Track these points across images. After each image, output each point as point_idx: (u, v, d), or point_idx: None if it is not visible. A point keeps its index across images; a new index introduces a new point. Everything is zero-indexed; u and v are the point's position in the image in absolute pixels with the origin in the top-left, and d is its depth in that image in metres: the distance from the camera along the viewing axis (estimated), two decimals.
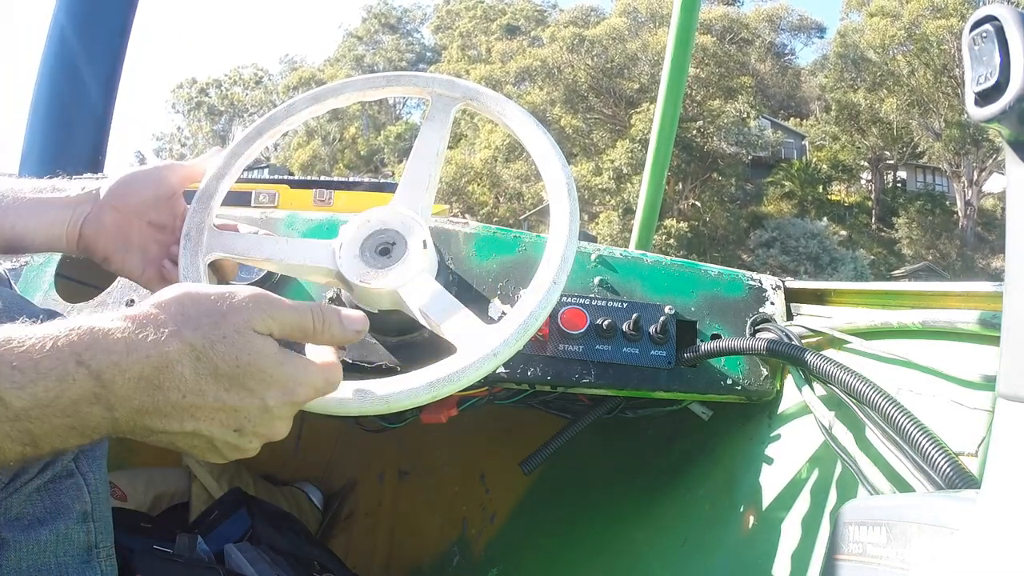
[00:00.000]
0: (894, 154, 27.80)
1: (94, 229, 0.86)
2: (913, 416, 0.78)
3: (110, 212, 0.87)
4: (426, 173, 0.93)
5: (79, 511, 0.72)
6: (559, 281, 0.75)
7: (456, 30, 33.57)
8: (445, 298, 0.81)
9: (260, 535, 1.36)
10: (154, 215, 0.90)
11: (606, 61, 26.97)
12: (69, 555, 0.71)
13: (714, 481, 1.10)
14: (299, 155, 30.48)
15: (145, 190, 0.89)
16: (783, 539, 0.90)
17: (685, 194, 26.77)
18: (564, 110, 27.17)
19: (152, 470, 1.65)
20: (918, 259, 25.80)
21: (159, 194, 0.90)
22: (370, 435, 1.85)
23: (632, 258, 1.10)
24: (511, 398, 1.16)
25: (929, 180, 29.30)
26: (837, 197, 29.51)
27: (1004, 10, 0.45)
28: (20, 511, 0.68)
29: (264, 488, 1.78)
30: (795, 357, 0.93)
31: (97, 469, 0.76)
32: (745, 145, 27.02)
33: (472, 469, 1.78)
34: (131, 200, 0.88)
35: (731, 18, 28.79)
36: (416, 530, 1.81)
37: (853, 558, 0.59)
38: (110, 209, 0.87)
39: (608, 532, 1.27)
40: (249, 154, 0.96)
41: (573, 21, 30.20)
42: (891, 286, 0.96)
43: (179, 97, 35.29)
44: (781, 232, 25.05)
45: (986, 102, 0.46)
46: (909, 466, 0.77)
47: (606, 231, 23.08)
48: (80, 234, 0.86)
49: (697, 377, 1.02)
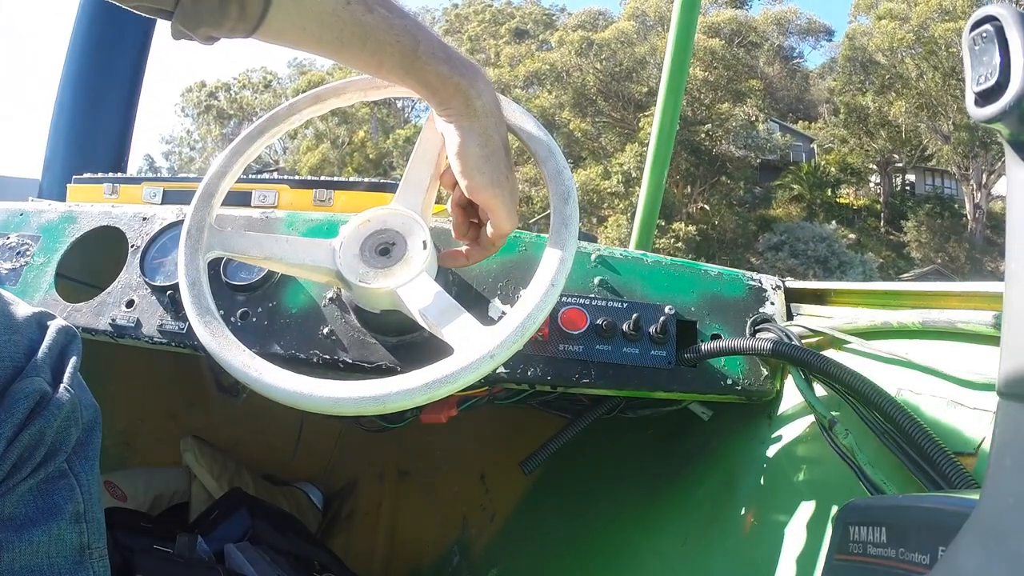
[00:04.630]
0: (903, 157, 27.68)
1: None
2: (913, 416, 0.77)
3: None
4: (427, 174, 0.93)
5: (71, 512, 0.72)
6: (557, 283, 0.75)
7: (465, 34, 33.58)
8: (444, 299, 0.81)
9: (260, 535, 1.36)
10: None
11: (615, 65, 26.97)
12: (61, 556, 0.71)
13: (714, 481, 1.09)
14: (308, 159, 30.53)
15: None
16: (783, 539, 0.90)
17: (694, 197, 26.73)
18: (573, 114, 27.16)
19: (152, 470, 1.66)
20: (927, 262, 25.68)
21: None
22: (370, 435, 1.85)
23: (632, 258, 1.09)
24: (511, 398, 1.16)
25: (938, 183, 29.15)
26: (846, 200, 29.41)
27: (1004, 10, 0.45)
28: (12, 512, 0.68)
29: (264, 488, 1.79)
30: (795, 357, 0.93)
31: (90, 470, 0.76)
32: (754, 148, 26.99)
33: (472, 469, 1.78)
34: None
35: (739, 21, 28.74)
36: (416, 530, 1.81)
37: (853, 558, 0.58)
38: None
39: (608, 532, 1.26)
40: (251, 153, 0.96)
41: (581, 25, 30.19)
42: (891, 286, 0.95)
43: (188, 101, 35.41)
44: (790, 235, 24.97)
45: (986, 102, 0.46)
46: (909, 466, 0.77)
47: (615, 235, 23.05)
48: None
49: (697, 377, 1.02)
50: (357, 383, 0.71)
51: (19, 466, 0.68)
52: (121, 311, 1.12)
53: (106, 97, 2.29)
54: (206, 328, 0.80)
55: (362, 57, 0.75)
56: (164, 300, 1.11)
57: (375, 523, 1.87)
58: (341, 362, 1.02)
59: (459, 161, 0.80)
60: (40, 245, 1.24)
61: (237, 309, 1.07)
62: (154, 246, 1.16)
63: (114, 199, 1.56)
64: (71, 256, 1.23)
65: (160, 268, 1.14)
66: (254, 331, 1.06)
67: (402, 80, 0.78)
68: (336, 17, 0.70)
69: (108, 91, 2.29)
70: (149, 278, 1.12)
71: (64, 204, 1.36)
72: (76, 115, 2.27)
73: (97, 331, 1.12)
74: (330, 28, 0.71)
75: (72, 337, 0.81)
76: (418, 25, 0.76)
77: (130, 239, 1.19)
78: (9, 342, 0.73)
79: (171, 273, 1.12)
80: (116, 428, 1.79)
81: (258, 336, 1.05)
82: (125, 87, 2.32)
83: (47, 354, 0.75)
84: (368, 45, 0.73)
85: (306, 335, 1.04)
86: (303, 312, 1.06)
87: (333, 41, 0.73)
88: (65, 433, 0.72)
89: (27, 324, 0.77)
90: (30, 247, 1.24)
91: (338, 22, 0.71)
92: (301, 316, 1.06)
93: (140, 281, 1.13)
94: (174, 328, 1.08)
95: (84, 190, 1.63)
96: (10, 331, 0.74)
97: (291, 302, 1.07)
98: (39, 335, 0.77)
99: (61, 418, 0.71)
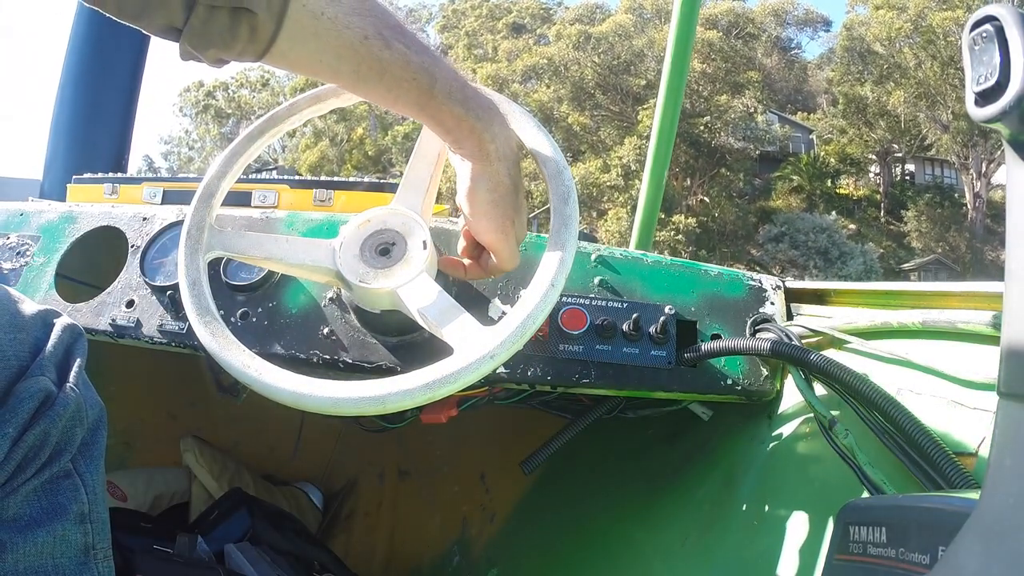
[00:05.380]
0: (902, 147, 27.67)
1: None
2: (913, 416, 0.77)
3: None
4: (427, 173, 0.93)
5: (76, 512, 0.72)
6: (557, 283, 0.75)
7: (462, 29, 33.50)
8: (444, 299, 0.81)
9: (260, 535, 1.37)
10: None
11: (612, 58, 26.90)
12: (66, 557, 0.71)
13: (714, 481, 1.09)
14: (307, 156, 30.48)
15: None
16: (783, 539, 0.90)
17: (693, 190, 26.72)
18: (571, 107, 27.12)
19: (152, 470, 1.66)
20: (928, 252, 25.69)
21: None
22: (370, 435, 1.86)
23: (632, 258, 1.09)
24: (511, 398, 1.16)
25: (938, 173, 29.12)
26: (846, 191, 29.41)
27: (1004, 10, 0.45)
28: (17, 512, 0.68)
29: (264, 488, 1.79)
30: (796, 357, 0.93)
31: (95, 470, 0.76)
32: (753, 140, 26.98)
33: (472, 469, 1.78)
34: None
35: (737, 13, 28.68)
36: (416, 530, 1.81)
37: (853, 558, 0.58)
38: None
39: (608, 532, 1.27)
40: (251, 153, 0.96)
41: (579, 18, 30.12)
42: (891, 286, 0.95)
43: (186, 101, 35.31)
44: (790, 227, 24.97)
45: (986, 102, 0.46)
46: (909, 466, 0.77)
47: (615, 228, 23.05)
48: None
49: (697, 377, 1.02)
50: (357, 383, 0.71)
51: (24, 466, 0.67)
52: (121, 311, 1.12)
53: (106, 98, 2.29)
54: (206, 328, 0.80)
55: (378, 92, 0.75)
56: (164, 300, 1.11)
57: (375, 523, 1.88)
58: (341, 362, 1.02)
59: (467, 203, 0.81)
60: (40, 245, 1.24)
61: (237, 309, 1.07)
62: (154, 246, 1.16)
63: (114, 199, 1.56)
64: (71, 256, 1.22)
65: (160, 268, 1.14)
66: (254, 331, 1.06)
67: (417, 115, 0.78)
68: (354, 51, 0.70)
69: (108, 92, 2.29)
70: (149, 278, 1.12)
71: (64, 204, 1.36)
72: (76, 116, 2.27)
73: (97, 331, 1.12)
74: (347, 61, 0.71)
75: (77, 335, 0.80)
76: (437, 62, 0.76)
77: (130, 239, 1.19)
78: (14, 340, 0.73)
79: (171, 273, 1.11)
80: (116, 428, 1.78)
81: (258, 336, 1.05)
82: (124, 87, 2.33)
83: (52, 353, 0.75)
84: (384, 80, 0.73)
85: (306, 335, 1.04)
86: (303, 312, 1.06)
87: (350, 74, 0.72)
88: (70, 433, 0.72)
89: (32, 322, 0.77)
90: (30, 247, 1.24)
91: (355, 56, 0.71)
92: (301, 316, 1.06)
93: (140, 281, 1.13)
94: (174, 328, 1.08)
95: (84, 190, 1.63)
96: (15, 329, 0.74)
97: (291, 302, 1.07)
98: (44, 333, 0.77)
99: (66, 418, 0.71)
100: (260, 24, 0.65)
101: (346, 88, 0.76)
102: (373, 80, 0.73)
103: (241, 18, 0.64)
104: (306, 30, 0.67)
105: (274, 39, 0.67)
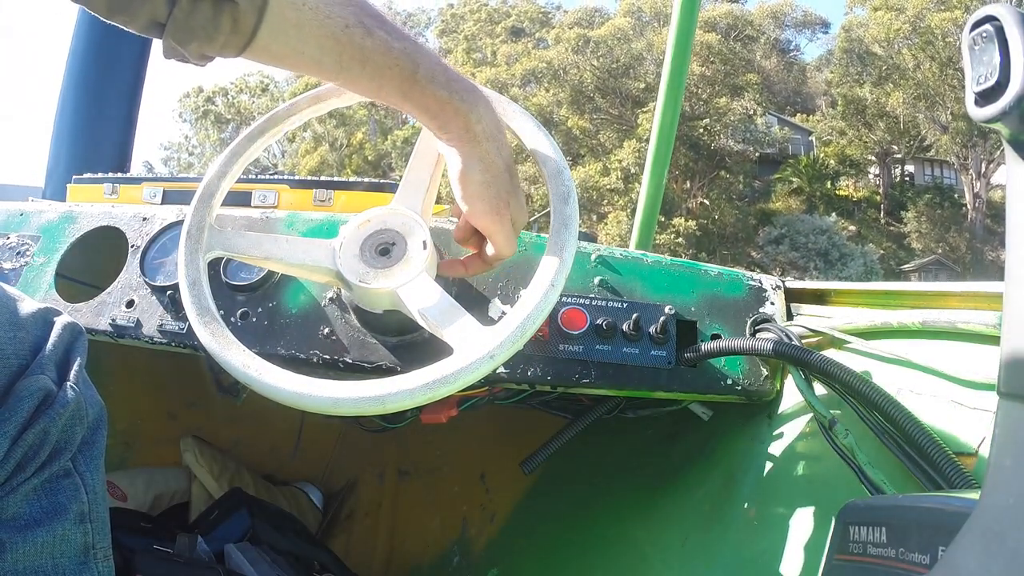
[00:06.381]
0: (901, 148, 27.69)
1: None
2: (913, 416, 0.77)
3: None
4: (427, 174, 0.93)
5: (76, 511, 0.72)
6: (557, 283, 0.75)
7: (461, 33, 33.48)
8: (444, 299, 0.81)
9: (260, 535, 1.37)
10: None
11: (611, 61, 26.91)
12: (66, 556, 0.70)
13: (714, 481, 1.09)
14: (307, 161, 30.44)
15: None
16: (783, 539, 0.90)
17: (693, 192, 26.73)
18: (571, 111, 27.11)
19: (152, 470, 1.65)
20: (928, 253, 25.68)
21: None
22: (370, 435, 1.86)
23: (632, 258, 1.09)
24: (511, 398, 1.16)
25: (937, 173, 29.12)
26: (845, 192, 29.42)
27: (1004, 10, 0.45)
28: (17, 511, 0.68)
29: (264, 488, 1.79)
30: (796, 357, 0.93)
31: (95, 469, 0.76)
32: (752, 142, 27.00)
33: (472, 469, 1.78)
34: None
35: (735, 15, 28.68)
36: (416, 530, 1.81)
37: (853, 558, 0.58)
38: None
39: (608, 532, 1.26)
40: (251, 153, 0.96)
41: (577, 22, 30.15)
42: (891, 286, 0.95)
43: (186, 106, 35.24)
44: (790, 229, 24.98)
45: (986, 102, 0.46)
46: (909, 466, 0.77)
47: (615, 231, 23.04)
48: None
49: (697, 377, 1.02)
50: (357, 383, 0.71)
51: (23, 465, 0.67)
52: (121, 311, 1.12)
53: (108, 103, 2.29)
54: (206, 328, 0.80)
55: (361, 81, 0.75)
56: (164, 300, 1.11)
57: (375, 523, 1.87)
58: (341, 362, 1.02)
59: (460, 187, 0.80)
60: (40, 245, 1.24)
61: (237, 309, 1.07)
62: (154, 246, 1.16)
63: (114, 199, 1.56)
64: (71, 256, 1.22)
65: (160, 268, 1.14)
66: (254, 331, 1.06)
67: (401, 104, 0.77)
68: (336, 41, 0.70)
69: (110, 97, 2.29)
70: (149, 278, 1.12)
71: (64, 204, 1.35)
72: (78, 122, 2.27)
73: (97, 331, 1.12)
74: (329, 52, 0.71)
75: (78, 334, 0.80)
76: (418, 48, 0.76)
77: (130, 239, 1.19)
78: (14, 339, 0.73)
79: (171, 273, 1.11)
80: (116, 428, 1.78)
81: (258, 336, 1.05)
82: (127, 93, 2.33)
83: (52, 351, 0.75)
84: (367, 69, 0.73)
85: (306, 335, 1.04)
86: (303, 312, 1.06)
87: (332, 65, 0.72)
88: (70, 432, 0.72)
89: (33, 320, 0.77)
90: (30, 247, 1.24)
91: (337, 46, 0.70)
92: (301, 316, 1.06)
93: (140, 281, 1.13)
94: (174, 328, 1.08)
95: (84, 190, 1.63)
96: (15, 328, 0.74)
97: (291, 302, 1.07)
98: (44, 332, 0.77)
99: (66, 417, 0.71)
100: (242, 15, 0.65)
101: (329, 80, 0.75)
102: (356, 69, 0.73)
103: (223, 9, 0.64)
104: (287, 21, 0.67)
105: (256, 31, 0.66)
